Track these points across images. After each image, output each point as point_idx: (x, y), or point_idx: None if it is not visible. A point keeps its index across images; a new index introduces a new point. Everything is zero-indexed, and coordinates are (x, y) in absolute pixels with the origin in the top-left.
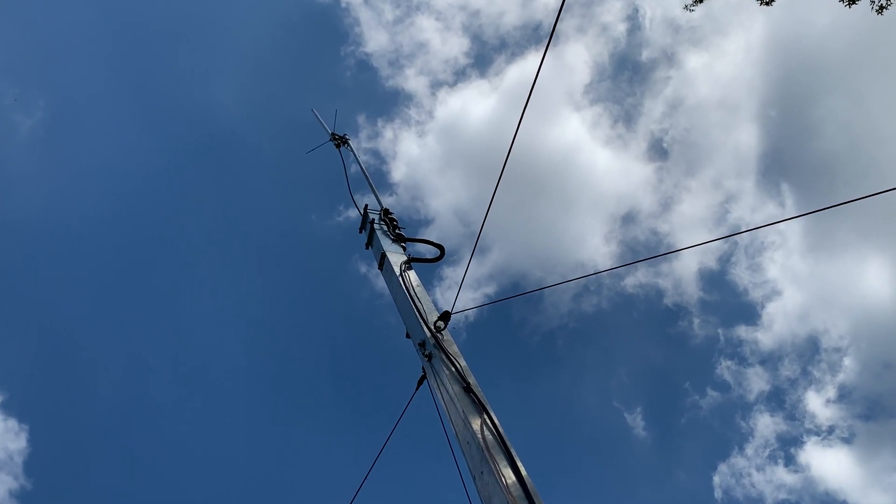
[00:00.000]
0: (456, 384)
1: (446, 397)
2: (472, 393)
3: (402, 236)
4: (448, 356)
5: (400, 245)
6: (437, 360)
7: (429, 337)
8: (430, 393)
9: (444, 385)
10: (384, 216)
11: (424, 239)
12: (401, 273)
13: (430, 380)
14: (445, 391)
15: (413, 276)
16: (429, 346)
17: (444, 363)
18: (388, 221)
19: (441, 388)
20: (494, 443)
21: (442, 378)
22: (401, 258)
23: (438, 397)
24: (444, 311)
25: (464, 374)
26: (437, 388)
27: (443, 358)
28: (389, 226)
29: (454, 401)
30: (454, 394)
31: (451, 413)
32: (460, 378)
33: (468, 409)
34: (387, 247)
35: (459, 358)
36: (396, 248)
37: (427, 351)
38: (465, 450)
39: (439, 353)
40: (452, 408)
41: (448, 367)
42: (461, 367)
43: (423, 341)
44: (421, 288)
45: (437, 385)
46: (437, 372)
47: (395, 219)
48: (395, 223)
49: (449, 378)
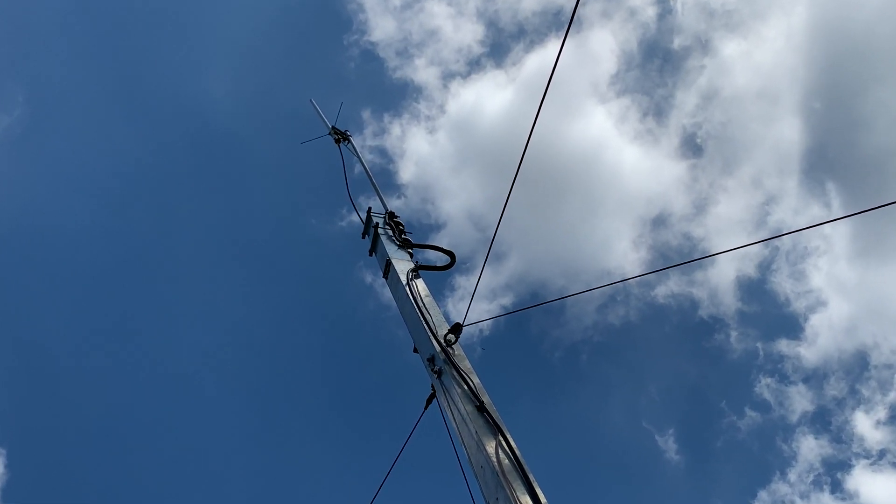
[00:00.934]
0: (468, 403)
1: (458, 417)
2: (486, 413)
3: (408, 242)
4: (460, 372)
5: (407, 251)
6: (447, 377)
7: (438, 352)
8: (440, 412)
9: (455, 404)
10: (389, 220)
11: (434, 245)
12: (408, 282)
13: (439, 398)
14: (457, 410)
15: (421, 286)
16: (438, 361)
17: (456, 380)
18: (394, 226)
19: (452, 407)
20: (511, 467)
21: (453, 396)
22: (408, 266)
23: (449, 417)
24: (455, 324)
25: (477, 392)
26: (448, 408)
27: (454, 374)
28: (395, 230)
29: (466, 421)
30: (466, 414)
31: (464, 434)
32: (473, 396)
33: (482, 430)
34: (392, 253)
35: (472, 374)
36: (403, 255)
37: (437, 367)
38: (479, 474)
39: (450, 368)
40: (465, 429)
41: (460, 385)
42: (474, 384)
43: (433, 356)
44: (430, 298)
45: (447, 404)
46: (448, 389)
47: (401, 223)
48: (402, 227)
49: (461, 396)
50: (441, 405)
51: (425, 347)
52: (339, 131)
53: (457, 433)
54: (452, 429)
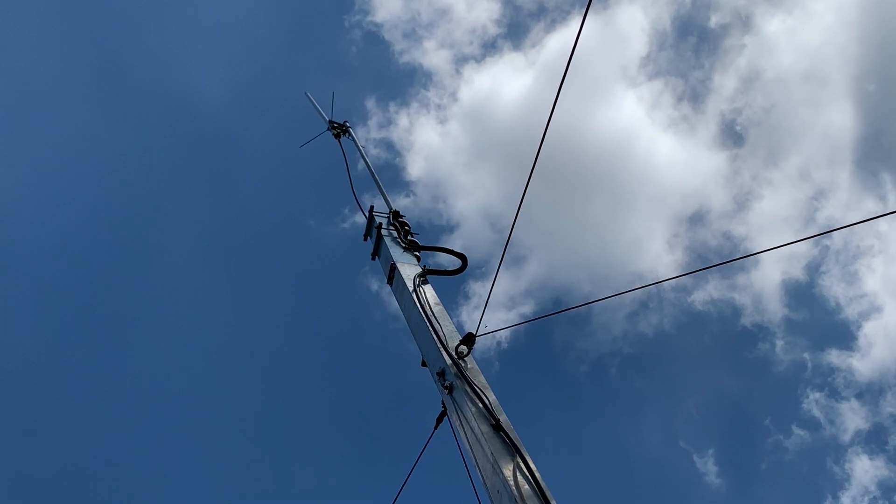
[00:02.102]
0: (483, 422)
1: (471, 437)
2: (503, 432)
3: (415, 244)
4: (473, 388)
5: (413, 254)
6: (459, 393)
7: (449, 365)
8: (452, 431)
9: (468, 422)
10: (393, 220)
11: (443, 247)
12: (414, 288)
13: (451, 416)
14: (470, 430)
15: (430, 292)
16: (449, 375)
17: (469, 396)
18: (399, 226)
19: (465, 425)
20: (531, 492)
21: (466, 414)
22: (414, 270)
23: (461, 437)
24: (468, 334)
25: (493, 410)
26: (461, 427)
27: (466, 390)
28: (400, 231)
29: (481, 441)
30: (481, 433)
31: (478, 456)
32: (489, 415)
33: (498, 451)
34: (397, 256)
35: (487, 390)
36: (409, 258)
37: (447, 382)
38: (495, 499)
39: (462, 384)
40: (479, 450)
41: (473, 402)
42: (489, 401)
43: (443, 370)
44: (440, 306)
45: (459, 422)
46: (460, 406)
47: (406, 223)
48: (408, 228)
49: (474, 414)
50: (453, 424)
51: (435, 360)
52: (338, 124)
53: (470, 454)
54: (465, 449)
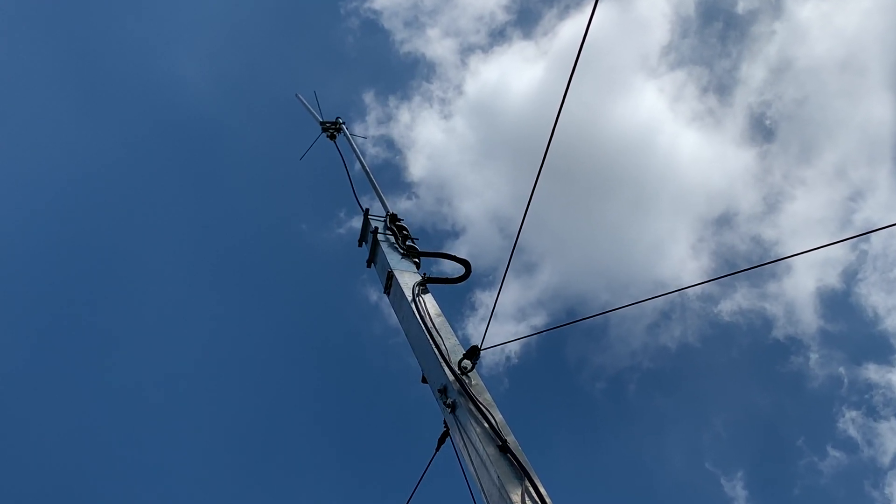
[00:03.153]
0: (489, 443)
1: (476, 459)
2: (511, 454)
3: (414, 249)
4: (478, 406)
5: (412, 261)
6: (462, 412)
7: (451, 381)
8: (455, 452)
9: (472, 443)
10: (391, 223)
11: (444, 253)
12: (413, 297)
13: (453, 436)
14: (475, 451)
15: (430, 302)
16: (452, 392)
17: (473, 415)
18: (396, 230)
19: (469, 447)
20: None
21: (470, 434)
22: (414, 278)
23: (465, 459)
24: (472, 347)
25: (499, 430)
26: (464, 448)
27: (470, 408)
28: (398, 236)
29: (486, 464)
30: (486, 455)
31: (483, 479)
32: (495, 435)
33: (505, 474)
34: (394, 263)
35: (493, 409)
36: (407, 266)
37: (450, 399)
38: None
39: (466, 401)
40: (484, 473)
41: (478, 421)
42: (496, 420)
43: (445, 387)
44: (441, 318)
45: (463, 443)
46: (464, 426)
47: (405, 227)
48: (406, 232)
49: (480, 435)
50: (456, 445)
51: (436, 377)
52: (330, 123)
53: (475, 478)
54: (469, 472)
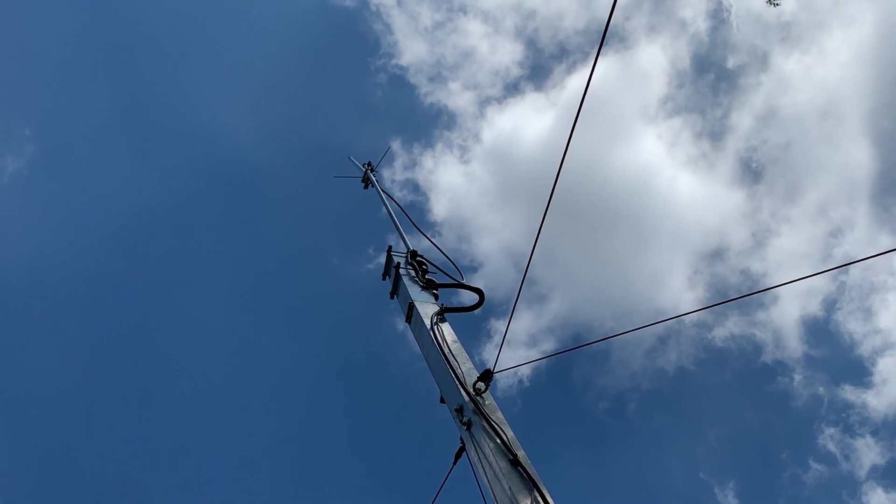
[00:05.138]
0: (501, 458)
1: (490, 472)
2: (521, 467)
3: (432, 282)
4: (491, 424)
5: (431, 293)
6: (477, 429)
7: (467, 402)
8: (471, 467)
9: (486, 458)
10: (411, 259)
11: (459, 283)
12: (432, 326)
13: (469, 452)
14: (489, 465)
15: (448, 330)
16: (467, 412)
17: (487, 432)
18: (416, 265)
19: (483, 461)
20: None
21: (484, 450)
22: (432, 308)
23: (480, 472)
24: (486, 370)
25: (511, 446)
26: (479, 462)
27: (485, 426)
28: (418, 270)
29: (499, 477)
30: (499, 469)
31: (496, 491)
32: (506, 450)
33: (516, 486)
34: (415, 296)
35: (505, 426)
36: (427, 297)
37: (465, 418)
38: None
39: (480, 420)
40: (497, 485)
41: (492, 438)
42: (508, 437)
43: (461, 406)
44: (458, 344)
45: (478, 458)
46: (479, 442)
47: (423, 262)
48: (425, 267)
49: (493, 450)
50: (471, 459)
51: (453, 397)
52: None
53: (489, 489)
54: (484, 485)
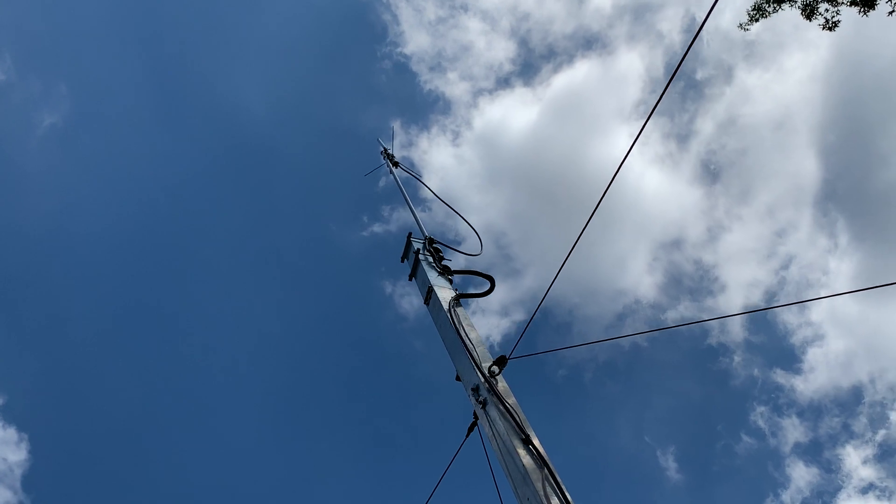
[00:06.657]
0: (515, 436)
1: (503, 448)
2: (532, 447)
3: (448, 269)
4: (505, 406)
5: (447, 278)
6: (492, 408)
7: (482, 383)
8: (481, 440)
9: (500, 435)
10: (429, 246)
11: (473, 270)
12: (449, 310)
13: (482, 426)
14: (502, 442)
15: (463, 314)
16: (482, 392)
17: (501, 413)
18: (434, 252)
19: (497, 438)
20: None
21: (497, 428)
22: (449, 294)
23: (493, 447)
24: (500, 356)
25: (523, 426)
26: (492, 437)
27: (499, 406)
28: (434, 257)
29: (512, 454)
30: (513, 447)
31: (509, 466)
32: (519, 430)
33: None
34: (433, 280)
35: (517, 409)
36: (443, 282)
37: (482, 397)
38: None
39: (495, 400)
40: (510, 461)
41: (505, 418)
42: (520, 418)
43: (477, 386)
44: (472, 328)
45: (491, 433)
46: (493, 421)
47: (440, 249)
48: (440, 254)
49: (506, 429)
50: (483, 434)
51: (469, 377)
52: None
53: (501, 463)
54: (495, 458)
